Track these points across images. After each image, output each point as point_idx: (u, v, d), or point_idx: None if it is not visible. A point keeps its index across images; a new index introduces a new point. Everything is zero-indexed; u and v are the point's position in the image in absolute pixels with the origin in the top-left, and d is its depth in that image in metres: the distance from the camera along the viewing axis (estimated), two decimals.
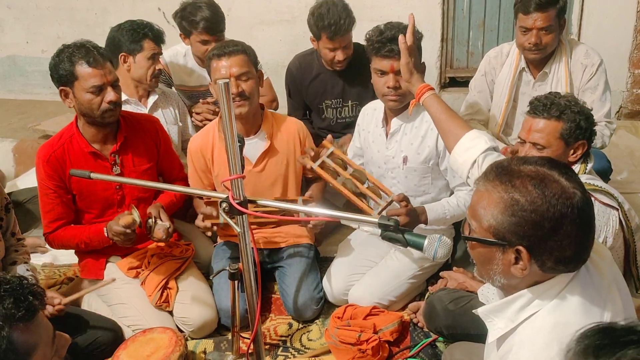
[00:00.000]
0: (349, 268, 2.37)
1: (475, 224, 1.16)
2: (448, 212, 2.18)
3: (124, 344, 1.99)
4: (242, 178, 1.39)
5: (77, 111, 2.13)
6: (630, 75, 3.86)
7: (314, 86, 2.99)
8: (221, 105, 1.32)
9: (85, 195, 2.20)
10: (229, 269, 1.75)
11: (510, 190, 1.10)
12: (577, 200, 1.07)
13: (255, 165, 2.35)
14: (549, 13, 2.39)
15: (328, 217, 1.40)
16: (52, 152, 2.14)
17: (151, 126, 2.34)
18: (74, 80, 2.06)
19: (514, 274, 1.13)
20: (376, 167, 2.35)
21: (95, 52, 2.08)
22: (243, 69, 2.20)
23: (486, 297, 1.86)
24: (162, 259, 2.29)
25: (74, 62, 2.05)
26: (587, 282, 1.15)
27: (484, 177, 1.16)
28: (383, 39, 2.06)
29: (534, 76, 2.59)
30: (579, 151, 1.83)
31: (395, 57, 2.03)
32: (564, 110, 1.80)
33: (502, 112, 2.66)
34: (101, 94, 2.07)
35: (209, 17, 2.79)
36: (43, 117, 4.19)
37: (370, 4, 3.88)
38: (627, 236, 1.82)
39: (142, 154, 2.28)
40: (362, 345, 2.02)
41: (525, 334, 1.13)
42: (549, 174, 1.10)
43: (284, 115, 2.57)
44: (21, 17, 4.62)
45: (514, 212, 1.09)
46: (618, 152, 3.41)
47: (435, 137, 2.18)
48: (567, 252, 1.09)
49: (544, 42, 2.44)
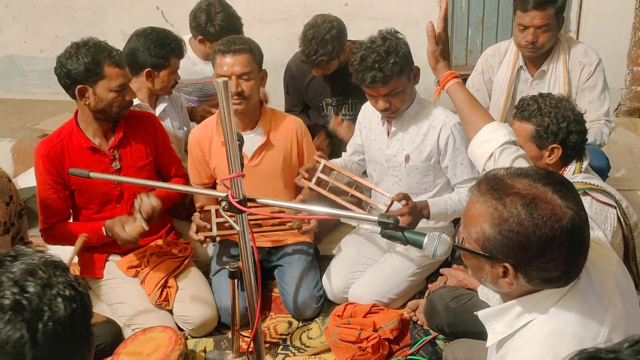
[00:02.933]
0: (349, 266, 2.38)
1: (466, 234, 1.16)
2: (450, 207, 2.19)
3: (124, 343, 1.98)
4: (241, 177, 1.39)
5: (90, 109, 2.11)
6: (628, 73, 3.86)
7: (314, 84, 2.99)
8: (220, 103, 1.33)
9: (84, 191, 2.20)
10: (229, 267, 1.75)
11: (500, 208, 1.08)
12: (567, 222, 1.05)
13: (251, 159, 2.35)
14: (547, 12, 2.38)
15: (328, 215, 1.39)
16: (52, 147, 2.14)
17: (149, 122, 2.34)
18: (99, 79, 2.05)
19: (502, 285, 1.14)
20: (378, 165, 2.35)
21: (116, 52, 2.09)
22: (245, 69, 2.19)
23: (486, 295, 1.87)
24: (161, 258, 2.29)
25: (100, 61, 2.04)
26: (588, 290, 1.15)
27: (477, 188, 1.15)
28: (360, 68, 2.04)
29: (531, 74, 2.59)
30: (553, 155, 1.82)
31: (379, 86, 2.03)
32: (534, 113, 1.81)
33: (500, 110, 2.66)
34: (123, 92, 2.11)
35: (226, 35, 2.65)
36: (41, 117, 4.19)
37: (368, 3, 3.87)
38: (626, 233, 1.82)
39: (141, 149, 2.28)
40: (362, 343, 2.02)
41: (522, 341, 1.14)
42: (542, 192, 1.08)
43: (284, 112, 2.57)
44: (19, 17, 4.62)
45: (501, 230, 1.08)
46: (617, 149, 3.41)
47: (436, 135, 2.18)
48: (553, 273, 1.08)
49: (541, 40, 2.43)
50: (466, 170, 2.20)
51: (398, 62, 2.00)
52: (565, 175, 1.79)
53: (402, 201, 2.03)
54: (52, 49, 4.70)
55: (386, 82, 2.02)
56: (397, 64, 2.00)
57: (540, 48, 2.46)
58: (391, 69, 2.00)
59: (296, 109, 3.12)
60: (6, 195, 1.95)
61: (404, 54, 2.03)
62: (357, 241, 2.49)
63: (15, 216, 2.00)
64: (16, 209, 2.00)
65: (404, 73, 2.05)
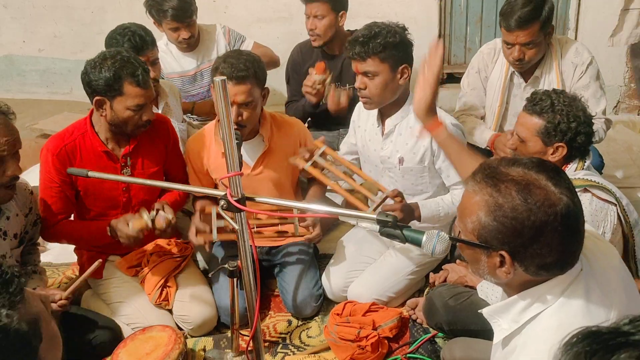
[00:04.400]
0: (348, 265, 2.38)
1: (462, 226, 1.16)
2: (442, 210, 2.18)
3: (123, 342, 1.99)
4: (239, 175, 1.39)
5: (105, 120, 2.08)
6: (627, 70, 3.86)
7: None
8: (218, 104, 1.33)
9: (91, 193, 2.18)
10: (228, 266, 1.75)
11: (495, 195, 1.09)
12: (562, 208, 1.06)
13: (253, 168, 2.33)
14: (531, 29, 2.32)
15: (327, 213, 1.40)
16: (63, 145, 2.10)
17: (162, 126, 2.30)
18: (117, 95, 2.01)
19: (500, 276, 1.14)
20: (373, 166, 2.35)
21: (142, 69, 2.03)
22: (247, 99, 2.14)
23: (486, 293, 1.87)
24: (161, 258, 2.29)
25: (121, 77, 1.98)
26: (591, 282, 1.15)
27: (472, 178, 1.15)
28: (351, 41, 2.10)
29: (524, 79, 2.56)
30: (557, 153, 1.81)
31: (357, 59, 2.08)
32: (546, 108, 1.80)
33: (495, 114, 2.65)
34: (140, 112, 2.06)
35: (176, 5, 2.84)
36: (40, 117, 4.18)
37: (367, 1, 3.88)
38: (626, 231, 1.82)
39: (152, 157, 2.25)
40: (361, 342, 2.02)
41: (529, 336, 1.13)
42: (535, 179, 1.08)
43: (284, 115, 2.55)
44: (18, 16, 4.61)
45: (496, 217, 1.08)
46: (616, 146, 3.41)
47: (429, 136, 2.17)
48: (548, 259, 1.09)
49: (527, 56, 2.40)
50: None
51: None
52: (567, 172, 1.79)
53: (396, 197, 2.03)
54: (51, 48, 4.70)
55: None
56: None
57: (528, 62, 2.44)
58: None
59: (296, 98, 3.14)
60: (27, 207, 2.01)
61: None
62: (356, 240, 2.49)
63: (31, 225, 2.05)
64: (33, 218, 2.05)
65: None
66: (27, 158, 3.46)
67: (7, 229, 1.89)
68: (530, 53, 2.40)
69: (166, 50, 3.07)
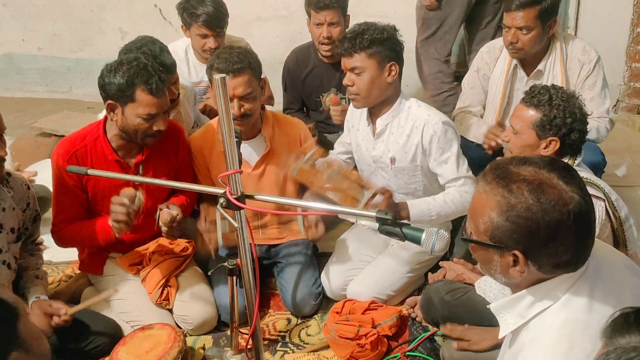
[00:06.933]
0: (347, 263, 2.38)
1: (474, 226, 1.16)
2: (433, 209, 2.12)
3: (123, 340, 1.99)
4: (239, 173, 1.39)
5: (117, 125, 2.05)
6: (627, 69, 3.86)
7: (310, 79, 3.01)
8: (217, 101, 1.32)
9: (99, 199, 2.15)
10: (227, 264, 1.75)
11: (507, 195, 1.09)
12: (574, 206, 1.07)
13: (254, 168, 2.32)
14: (528, 12, 2.34)
15: (326, 211, 1.40)
16: (74, 151, 2.08)
17: (174, 135, 2.27)
18: (129, 101, 1.97)
19: (513, 275, 1.14)
20: (366, 165, 2.35)
21: (157, 78, 1.99)
22: (247, 90, 2.13)
23: (483, 290, 1.88)
24: (163, 257, 2.28)
25: (134, 84, 1.95)
26: (597, 277, 1.15)
27: (483, 178, 1.16)
28: (341, 38, 2.13)
29: (527, 73, 2.57)
30: (549, 147, 1.82)
31: (345, 55, 2.10)
32: (543, 101, 1.81)
33: (497, 108, 2.66)
34: (151, 121, 2.01)
35: (210, 12, 2.79)
36: (40, 115, 4.17)
37: (367, 0, 3.87)
38: (616, 227, 1.82)
39: (163, 167, 2.22)
40: (360, 340, 2.02)
41: (536, 331, 1.14)
42: (548, 178, 1.09)
43: (286, 115, 2.55)
44: (17, 15, 4.61)
45: (509, 217, 1.09)
46: (615, 146, 3.41)
47: (419, 134, 2.15)
48: (564, 257, 1.09)
49: (521, 41, 2.40)
50: (450, 168, 2.16)
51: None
52: None
53: (384, 194, 2.01)
54: (50, 47, 4.70)
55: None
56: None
57: (521, 50, 2.43)
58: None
59: (293, 106, 3.13)
60: (24, 202, 1.99)
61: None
62: (356, 238, 2.49)
63: (30, 221, 2.03)
64: (32, 214, 2.03)
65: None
66: (26, 156, 3.49)
67: (2, 222, 1.86)
68: (525, 39, 2.40)
69: (184, 59, 3.00)
